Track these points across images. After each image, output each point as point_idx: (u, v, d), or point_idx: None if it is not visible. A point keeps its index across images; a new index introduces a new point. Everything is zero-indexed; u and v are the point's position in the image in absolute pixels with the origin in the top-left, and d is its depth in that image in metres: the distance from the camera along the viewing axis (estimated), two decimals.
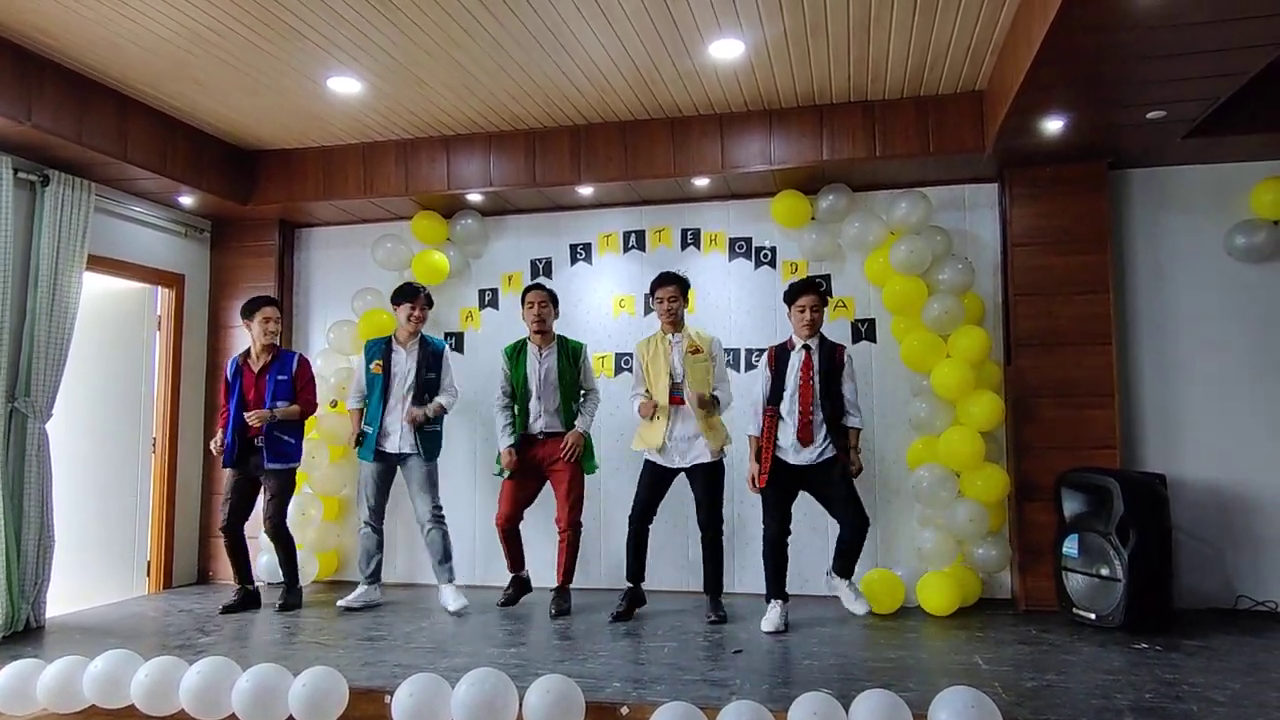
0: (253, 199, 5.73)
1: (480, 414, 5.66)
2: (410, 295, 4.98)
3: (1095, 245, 4.89)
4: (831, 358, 4.40)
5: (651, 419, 4.55)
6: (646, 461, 4.65)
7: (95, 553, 5.48)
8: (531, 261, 5.84)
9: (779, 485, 4.36)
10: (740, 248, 5.55)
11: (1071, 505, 4.58)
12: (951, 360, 4.83)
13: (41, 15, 3.91)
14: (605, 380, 5.56)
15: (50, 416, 4.67)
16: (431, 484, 4.94)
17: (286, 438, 4.92)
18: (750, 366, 5.42)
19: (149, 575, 5.62)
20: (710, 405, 4.52)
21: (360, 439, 4.93)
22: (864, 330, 5.34)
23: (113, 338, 5.66)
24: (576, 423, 4.83)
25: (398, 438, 4.89)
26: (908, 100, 4.89)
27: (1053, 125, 4.36)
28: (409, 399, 4.89)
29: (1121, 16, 3.22)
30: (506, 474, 4.81)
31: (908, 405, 5.08)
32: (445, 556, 4.92)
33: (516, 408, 4.84)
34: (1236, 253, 4.87)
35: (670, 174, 5.16)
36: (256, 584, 5.17)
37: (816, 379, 4.33)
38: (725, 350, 5.23)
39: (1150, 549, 4.21)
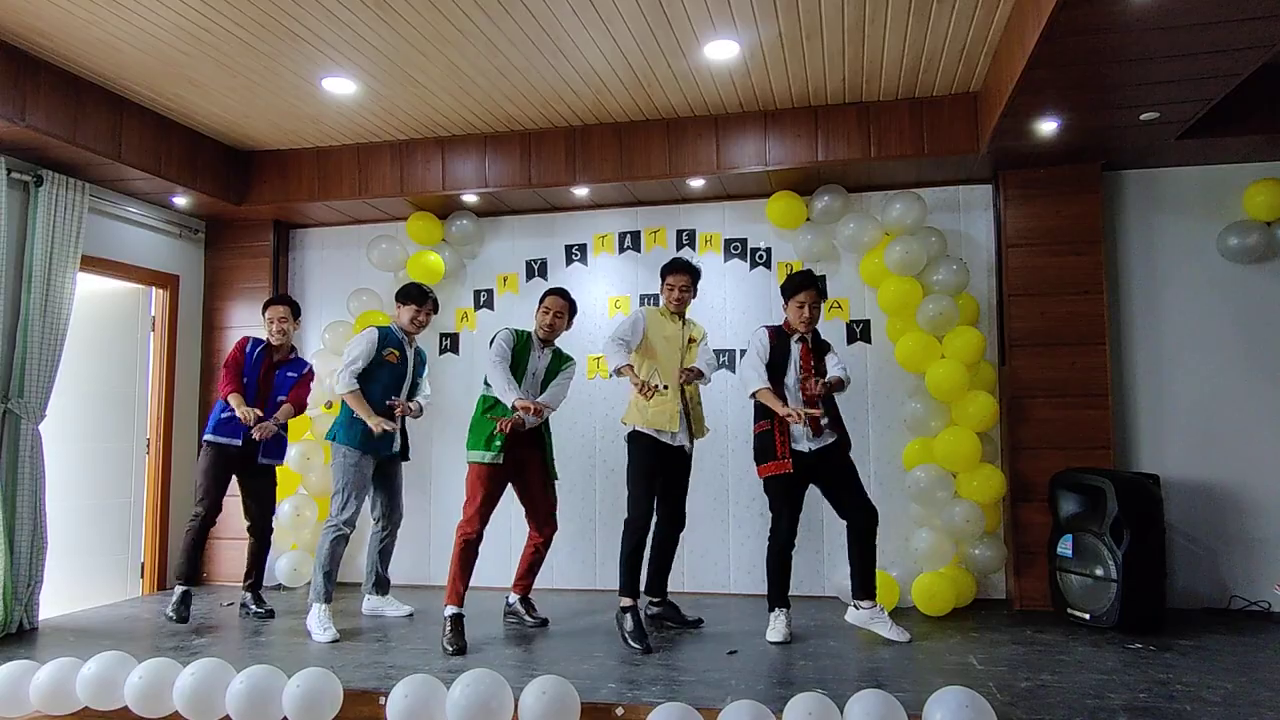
0: (247, 200, 5.72)
1: None
2: (419, 298, 4.68)
3: (1089, 246, 4.90)
4: (821, 349, 4.38)
5: (650, 398, 4.17)
6: (649, 439, 4.28)
7: (89, 554, 5.46)
8: (527, 262, 5.84)
9: (794, 478, 4.16)
10: (736, 249, 5.56)
11: (1066, 505, 4.60)
12: (946, 361, 4.84)
13: (36, 15, 3.90)
14: (600, 381, 5.57)
15: (44, 417, 4.66)
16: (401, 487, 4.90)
17: (283, 433, 4.93)
18: None
19: (143, 577, 5.61)
20: (697, 377, 4.34)
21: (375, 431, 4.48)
22: (859, 331, 5.34)
23: (107, 338, 5.64)
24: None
25: (399, 437, 4.69)
26: (902, 101, 4.90)
27: (1047, 127, 4.37)
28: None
29: (1115, 19, 3.24)
30: (499, 455, 4.26)
31: (903, 406, 5.09)
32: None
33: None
34: (1229, 254, 4.89)
35: (665, 175, 5.16)
36: (269, 586, 5.10)
37: (815, 369, 4.28)
38: (719, 351, 5.27)
39: (1144, 549, 4.22)
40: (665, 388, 4.24)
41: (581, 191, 5.45)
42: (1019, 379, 4.93)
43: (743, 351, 5.45)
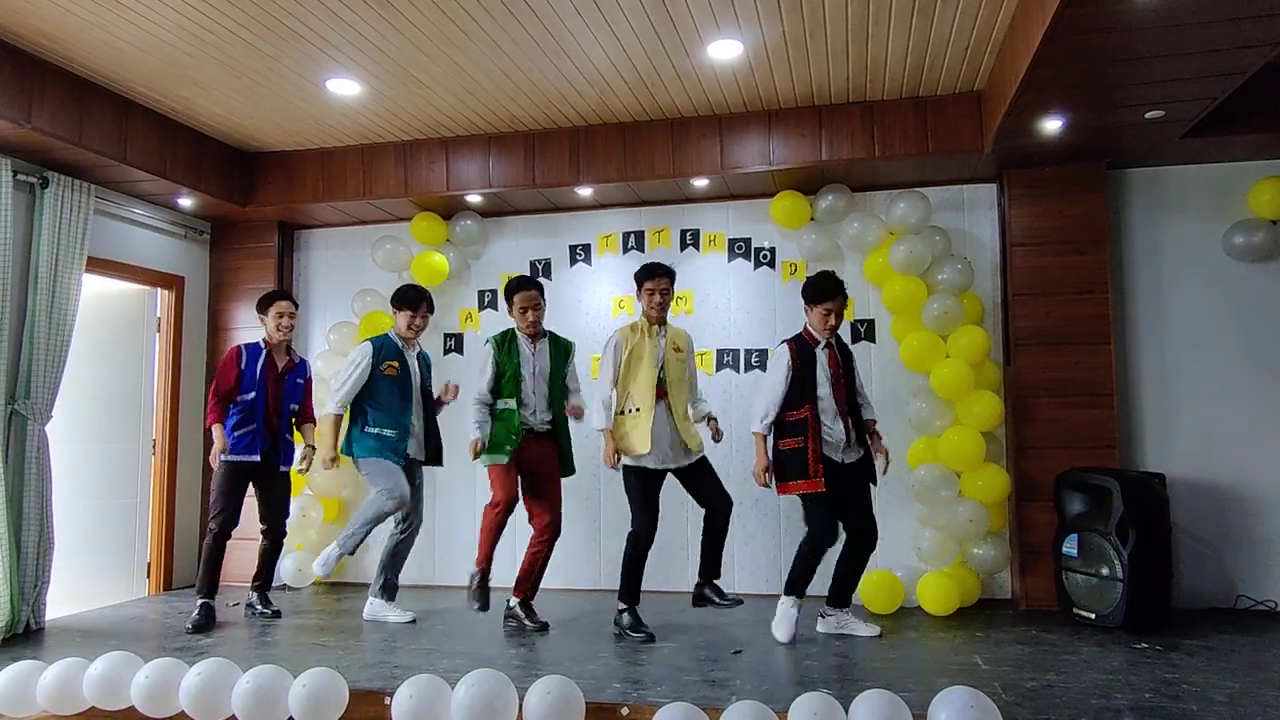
0: (252, 201, 5.74)
1: None
2: (414, 302, 4.68)
3: (1094, 245, 4.89)
4: (847, 354, 4.33)
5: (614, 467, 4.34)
6: (639, 469, 4.26)
7: (95, 555, 5.48)
8: (531, 262, 5.85)
9: (832, 490, 4.08)
10: (739, 248, 5.55)
11: (1071, 505, 4.59)
12: (951, 360, 4.83)
13: (41, 18, 3.92)
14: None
15: (50, 418, 4.67)
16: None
17: (289, 438, 4.90)
18: (750, 367, 5.42)
19: (149, 577, 5.63)
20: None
21: (367, 441, 4.57)
22: (863, 330, 5.34)
23: (112, 340, 5.66)
24: (573, 413, 4.54)
25: (416, 443, 4.70)
26: (906, 100, 4.89)
27: (1051, 125, 4.36)
28: (417, 406, 4.73)
29: (1119, 17, 3.23)
30: (505, 458, 4.40)
31: (907, 405, 5.08)
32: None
33: (511, 403, 4.43)
34: (1235, 252, 4.87)
35: (669, 175, 5.16)
36: (275, 587, 5.15)
37: (844, 376, 4.22)
38: (724, 351, 5.26)
39: (1150, 549, 4.21)
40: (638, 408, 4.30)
41: (585, 191, 5.45)
42: (1024, 378, 4.92)
43: (747, 351, 5.46)
